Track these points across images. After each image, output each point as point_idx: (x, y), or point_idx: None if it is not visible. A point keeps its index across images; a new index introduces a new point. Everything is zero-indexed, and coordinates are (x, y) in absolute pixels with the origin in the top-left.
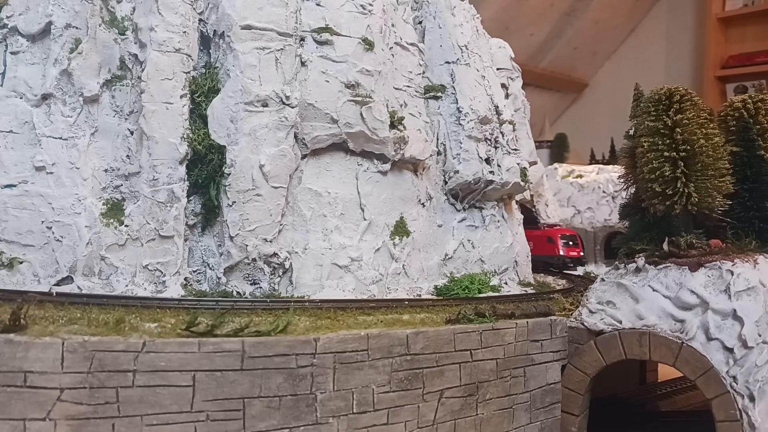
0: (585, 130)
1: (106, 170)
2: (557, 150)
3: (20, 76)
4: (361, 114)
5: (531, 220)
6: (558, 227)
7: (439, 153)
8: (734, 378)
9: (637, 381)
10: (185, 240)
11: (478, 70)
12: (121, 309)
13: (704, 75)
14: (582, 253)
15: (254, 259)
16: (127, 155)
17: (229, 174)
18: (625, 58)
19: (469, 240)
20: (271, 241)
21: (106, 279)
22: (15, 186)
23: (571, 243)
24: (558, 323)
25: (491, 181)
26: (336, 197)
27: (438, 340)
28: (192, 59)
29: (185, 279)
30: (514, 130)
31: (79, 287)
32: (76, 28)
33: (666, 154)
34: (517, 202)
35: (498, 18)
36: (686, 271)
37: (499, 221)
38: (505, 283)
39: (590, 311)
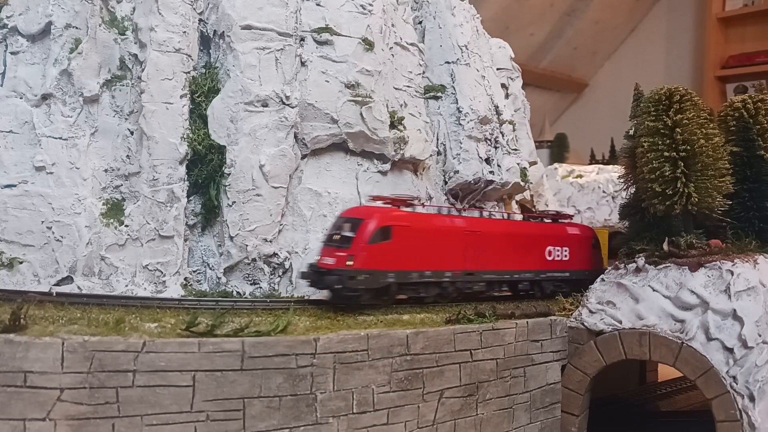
0: (585, 130)
1: (106, 170)
2: (557, 150)
3: (20, 76)
4: (361, 114)
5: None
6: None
7: (439, 153)
8: (734, 378)
9: (637, 381)
10: (185, 240)
11: (478, 70)
12: (121, 309)
13: (704, 75)
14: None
15: (254, 259)
16: (127, 155)
17: (229, 174)
18: (625, 58)
19: None
20: (271, 241)
21: (106, 279)
22: (15, 186)
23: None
24: (558, 323)
25: (491, 181)
26: (336, 197)
27: (438, 340)
28: (192, 59)
29: (185, 279)
30: (514, 130)
31: (79, 287)
32: (76, 28)
33: (666, 154)
34: (517, 202)
35: (498, 18)
36: (686, 271)
37: None
38: None
39: (590, 311)
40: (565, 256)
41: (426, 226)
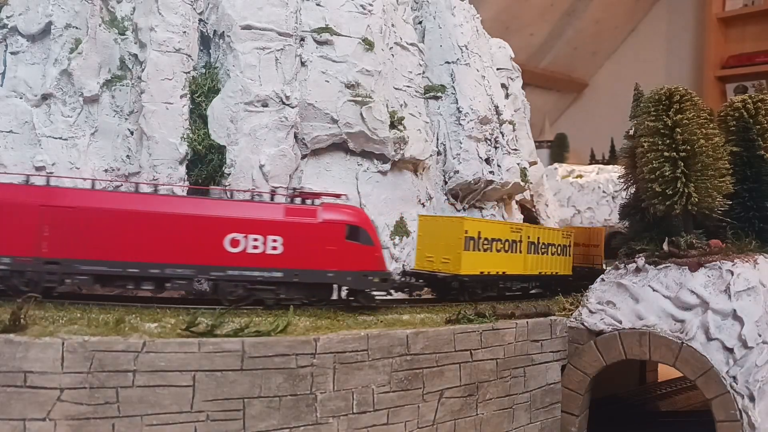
0: (585, 130)
1: (106, 170)
2: (557, 150)
3: (20, 76)
4: (361, 114)
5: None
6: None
7: (439, 153)
8: (734, 378)
9: (637, 381)
10: None
11: (478, 70)
12: (121, 309)
13: (704, 75)
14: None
15: None
16: (127, 155)
17: (229, 174)
18: (625, 58)
19: None
20: None
21: None
22: None
23: None
24: (558, 323)
25: (491, 181)
26: None
27: (438, 340)
28: (192, 59)
29: None
30: (514, 130)
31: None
32: (76, 28)
33: (666, 154)
34: (517, 202)
35: (498, 18)
36: (686, 271)
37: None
38: None
39: (590, 311)
40: (275, 248)
41: None
